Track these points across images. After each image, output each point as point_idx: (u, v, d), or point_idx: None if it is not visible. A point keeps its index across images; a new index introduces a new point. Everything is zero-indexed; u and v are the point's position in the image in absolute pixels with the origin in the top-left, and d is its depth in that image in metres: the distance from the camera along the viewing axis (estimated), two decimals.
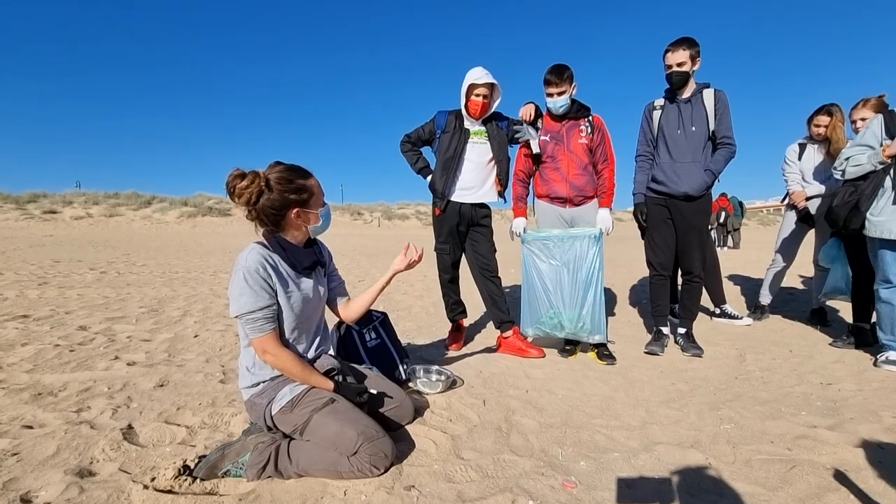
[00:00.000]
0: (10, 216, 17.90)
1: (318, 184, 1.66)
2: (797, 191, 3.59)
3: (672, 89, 2.77)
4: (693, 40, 2.63)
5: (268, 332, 1.52)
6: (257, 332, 1.51)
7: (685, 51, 2.63)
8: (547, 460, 1.58)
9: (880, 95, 2.96)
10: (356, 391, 1.62)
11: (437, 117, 2.87)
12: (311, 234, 1.71)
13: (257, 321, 1.50)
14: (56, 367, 2.41)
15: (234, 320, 3.52)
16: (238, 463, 1.44)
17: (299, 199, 1.59)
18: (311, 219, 1.65)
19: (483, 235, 2.91)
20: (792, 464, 1.56)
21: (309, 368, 1.60)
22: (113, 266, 6.73)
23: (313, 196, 1.63)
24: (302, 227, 1.66)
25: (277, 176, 1.55)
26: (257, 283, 1.50)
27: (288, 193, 1.56)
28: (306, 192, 1.60)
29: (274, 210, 1.57)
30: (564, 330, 2.75)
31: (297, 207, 1.60)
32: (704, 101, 2.70)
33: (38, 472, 1.44)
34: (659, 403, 2.11)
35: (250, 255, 1.53)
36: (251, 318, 1.49)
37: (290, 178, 1.57)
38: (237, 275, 1.51)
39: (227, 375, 2.38)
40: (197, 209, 21.77)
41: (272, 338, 1.53)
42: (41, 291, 4.50)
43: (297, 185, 1.58)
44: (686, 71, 2.66)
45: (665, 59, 2.70)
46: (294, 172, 1.60)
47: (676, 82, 2.70)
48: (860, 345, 2.97)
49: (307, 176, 1.63)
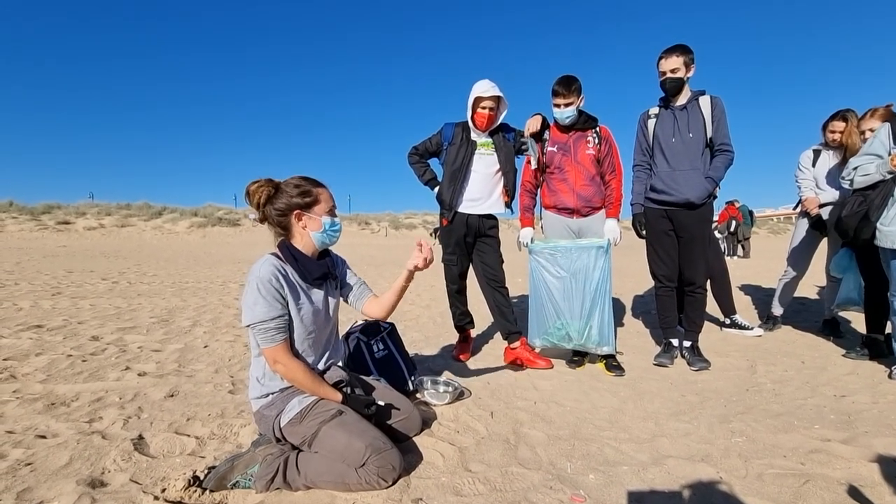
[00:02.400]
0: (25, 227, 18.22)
1: (327, 195, 1.71)
2: (810, 197, 3.55)
3: (666, 96, 2.76)
4: (687, 47, 2.63)
5: (279, 342, 1.54)
6: (269, 341, 1.53)
7: (679, 57, 2.62)
8: (555, 473, 1.57)
9: (888, 105, 2.94)
10: (364, 403, 1.63)
11: (444, 129, 2.90)
12: (316, 243, 1.71)
13: (269, 331, 1.52)
14: (69, 378, 2.44)
15: (243, 330, 3.56)
16: (247, 474, 1.44)
17: (302, 203, 1.64)
18: (312, 223, 1.67)
19: (490, 246, 2.92)
20: (805, 478, 1.53)
21: (319, 380, 1.61)
22: (124, 276, 6.82)
23: (318, 203, 1.67)
24: (306, 233, 1.68)
25: (287, 181, 1.66)
26: (270, 293, 1.53)
27: (292, 196, 1.64)
28: (310, 197, 1.66)
29: (278, 211, 1.64)
30: (572, 341, 2.74)
31: (299, 210, 1.64)
32: (701, 108, 2.69)
33: (52, 482, 1.46)
34: (668, 416, 2.09)
35: (263, 266, 1.56)
36: (263, 328, 1.52)
37: (297, 184, 1.66)
38: (251, 285, 1.54)
39: (237, 386, 2.39)
40: (207, 219, 22.01)
41: (283, 348, 1.55)
42: (55, 301, 4.57)
43: (302, 190, 1.65)
44: (680, 77, 2.65)
45: (659, 66, 2.69)
46: (304, 179, 1.67)
47: (671, 89, 2.69)
48: (874, 356, 2.92)
49: (317, 185, 1.69)
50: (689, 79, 2.69)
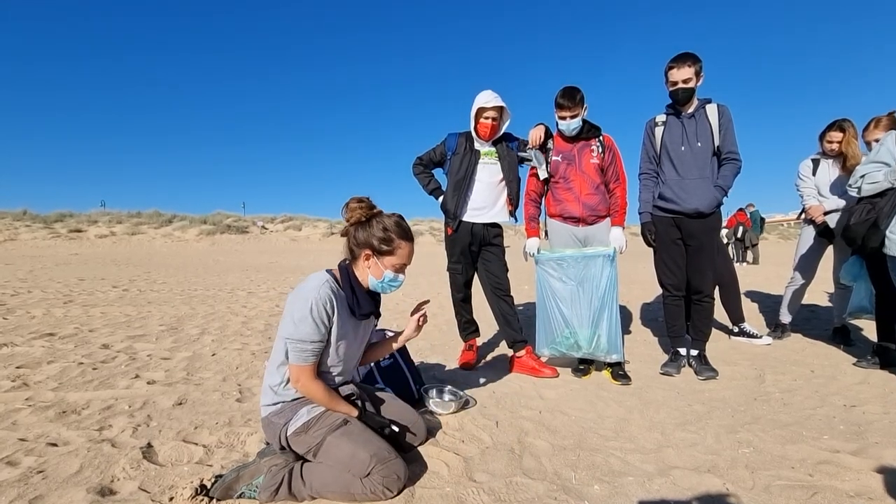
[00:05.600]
0: (38, 235, 18.53)
1: (407, 252, 1.66)
2: (814, 205, 3.54)
3: (677, 105, 2.77)
4: (696, 56, 2.63)
5: (309, 363, 1.54)
6: (300, 360, 1.53)
7: (690, 67, 2.62)
8: (560, 483, 1.57)
9: (890, 113, 2.92)
10: (380, 425, 1.65)
11: (448, 139, 2.93)
12: (370, 286, 1.69)
13: (305, 351, 1.52)
14: (80, 386, 2.48)
15: (250, 339, 3.59)
16: (252, 485, 1.46)
17: (377, 247, 1.62)
18: (375, 269, 1.65)
19: (495, 255, 2.94)
20: (813, 490, 1.52)
21: (336, 398, 1.62)
22: (134, 284, 6.90)
23: (393, 254, 1.63)
24: (366, 272, 1.66)
25: (382, 218, 1.64)
26: (320, 316, 1.52)
27: (374, 236, 1.62)
28: (388, 247, 1.62)
29: (356, 240, 1.64)
30: (581, 350, 2.73)
31: (372, 251, 1.62)
32: (708, 117, 2.69)
33: (62, 490, 1.48)
34: (675, 426, 2.08)
35: (323, 288, 1.55)
36: (301, 347, 1.52)
37: (386, 227, 1.62)
38: (305, 301, 1.52)
39: (244, 394, 2.42)
40: (216, 227, 22.24)
41: (311, 370, 1.55)
42: (66, 309, 4.64)
43: (386, 237, 1.62)
44: (692, 87, 2.66)
45: (669, 75, 2.69)
46: (397, 226, 1.64)
47: (682, 98, 2.69)
48: (885, 365, 2.87)
49: (404, 237, 1.65)
50: (698, 87, 2.70)
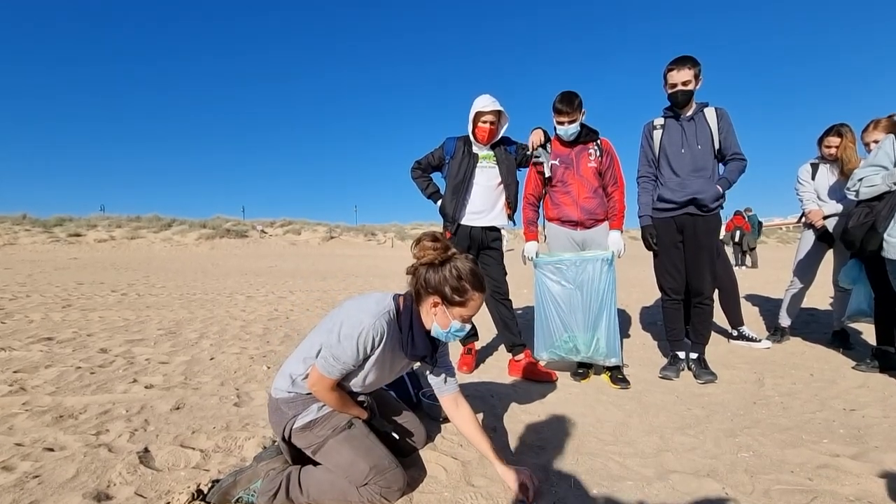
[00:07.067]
0: (38, 239, 18.53)
1: (477, 304, 1.54)
2: (814, 209, 3.55)
3: (675, 108, 2.78)
4: (695, 59, 2.65)
5: (333, 377, 1.50)
6: (325, 371, 1.49)
7: (690, 69, 2.64)
8: (559, 488, 1.56)
9: (890, 115, 2.94)
10: (383, 429, 1.66)
11: (446, 144, 2.94)
12: (432, 332, 1.60)
13: (334, 367, 1.48)
14: (77, 390, 2.47)
15: (249, 343, 3.58)
16: (249, 490, 1.45)
17: (448, 297, 1.51)
18: (442, 318, 1.54)
19: (494, 258, 2.94)
20: (813, 495, 1.51)
21: (348, 402, 1.60)
22: (133, 288, 6.89)
23: (464, 306, 1.52)
24: (431, 318, 1.57)
25: (456, 265, 1.52)
26: (364, 347, 1.47)
27: (446, 284, 1.50)
28: (461, 297, 1.51)
29: (425, 283, 1.53)
30: (580, 353, 2.73)
31: (440, 299, 1.52)
32: (707, 120, 2.71)
33: (58, 496, 1.47)
34: (674, 430, 2.07)
35: (379, 321, 1.48)
36: (332, 362, 1.47)
37: (460, 277, 1.50)
38: (359, 324, 1.46)
39: (242, 399, 2.41)
40: (215, 231, 22.26)
41: (331, 383, 1.51)
42: (65, 314, 4.63)
43: (459, 286, 1.50)
44: (691, 90, 2.67)
45: (668, 77, 2.70)
46: (473, 277, 1.52)
47: (681, 101, 2.70)
48: (885, 368, 2.87)
49: (479, 288, 1.53)
50: (696, 90, 2.72)
